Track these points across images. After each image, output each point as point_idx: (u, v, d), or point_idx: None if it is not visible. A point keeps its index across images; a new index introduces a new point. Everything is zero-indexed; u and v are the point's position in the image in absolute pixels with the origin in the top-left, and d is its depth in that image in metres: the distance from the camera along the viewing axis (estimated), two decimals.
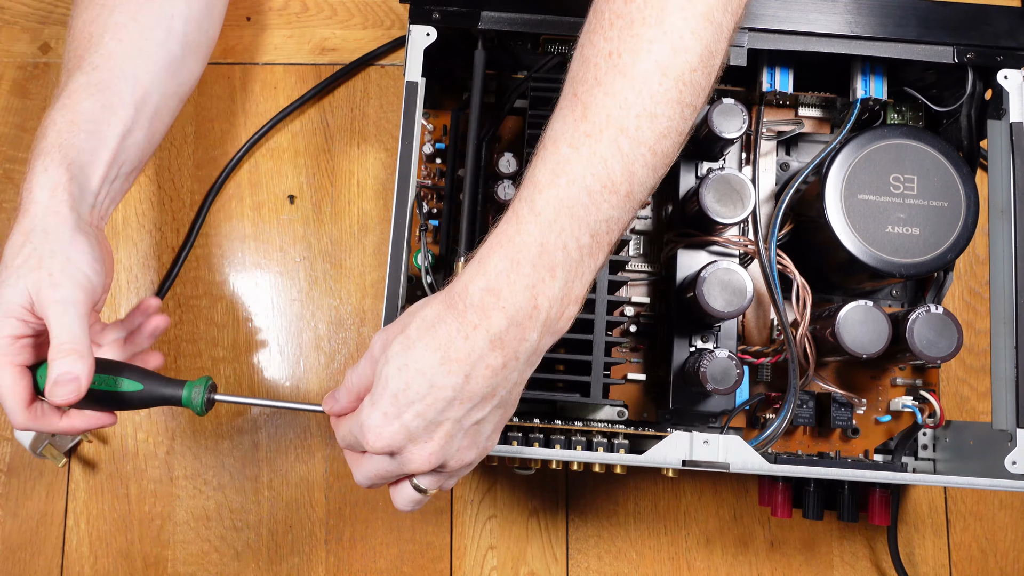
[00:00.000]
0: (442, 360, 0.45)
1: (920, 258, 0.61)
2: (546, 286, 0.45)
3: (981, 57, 0.62)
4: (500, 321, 0.44)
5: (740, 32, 0.62)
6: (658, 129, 0.46)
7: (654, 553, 0.72)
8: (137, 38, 0.60)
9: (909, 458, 0.68)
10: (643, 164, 0.46)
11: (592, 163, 0.45)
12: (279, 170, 0.78)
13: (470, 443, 0.48)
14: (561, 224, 0.45)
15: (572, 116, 0.47)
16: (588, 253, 0.46)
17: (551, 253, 0.45)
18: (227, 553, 0.72)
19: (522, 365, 0.46)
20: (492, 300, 0.45)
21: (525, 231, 0.45)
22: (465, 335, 0.45)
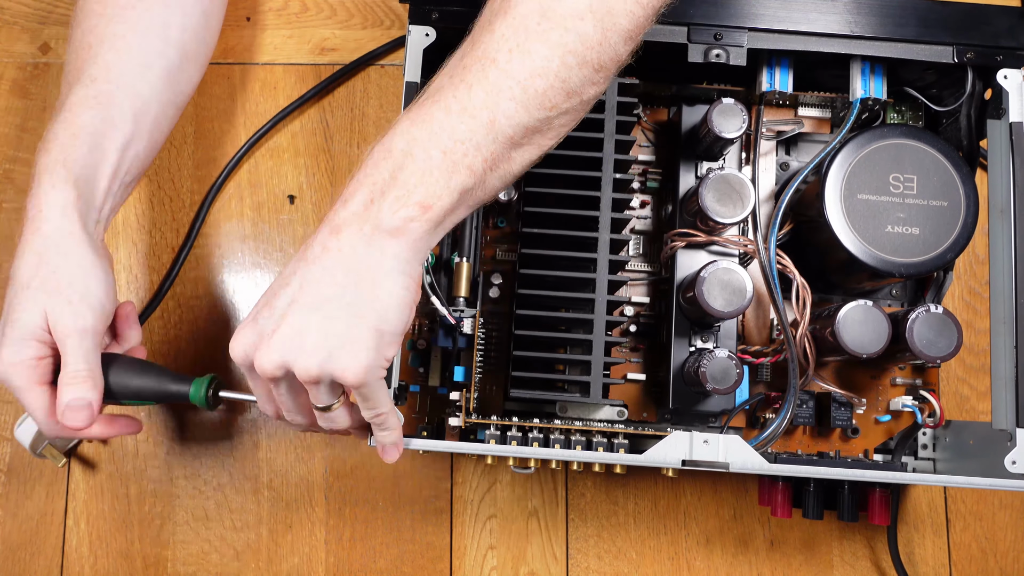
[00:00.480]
0: (295, 260, 0.49)
1: (920, 258, 0.61)
2: (382, 183, 0.47)
3: (981, 57, 0.62)
4: (341, 213, 0.48)
5: (740, 32, 0.63)
6: (530, 66, 0.47)
7: (654, 553, 0.72)
8: (135, 48, 0.61)
9: (909, 458, 0.68)
10: (509, 96, 0.48)
11: (457, 88, 0.48)
12: (279, 170, 0.78)
13: (315, 344, 0.47)
14: (413, 134, 0.48)
15: (460, 52, 0.50)
16: (438, 167, 0.47)
17: (395, 157, 0.48)
18: (227, 553, 0.72)
19: (358, 253, 0.47)
20: (341, 198, 0.49)
21: (382, 140, 0.49)
22: (318, 229, 0.49)
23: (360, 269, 0.47)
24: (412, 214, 0.47)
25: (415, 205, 0.47)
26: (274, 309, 0.48)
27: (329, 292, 0.47)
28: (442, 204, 0.48)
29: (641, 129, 0.71)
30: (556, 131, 0.51)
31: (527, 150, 0.50)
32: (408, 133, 0.48)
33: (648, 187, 0.71)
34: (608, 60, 0.49)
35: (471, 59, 0.49)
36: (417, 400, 0.68)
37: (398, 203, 0.47)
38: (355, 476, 0.73)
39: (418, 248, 0.48)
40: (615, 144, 0.63)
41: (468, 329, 0.64)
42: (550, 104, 0.49)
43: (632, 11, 0.49)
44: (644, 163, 0.70)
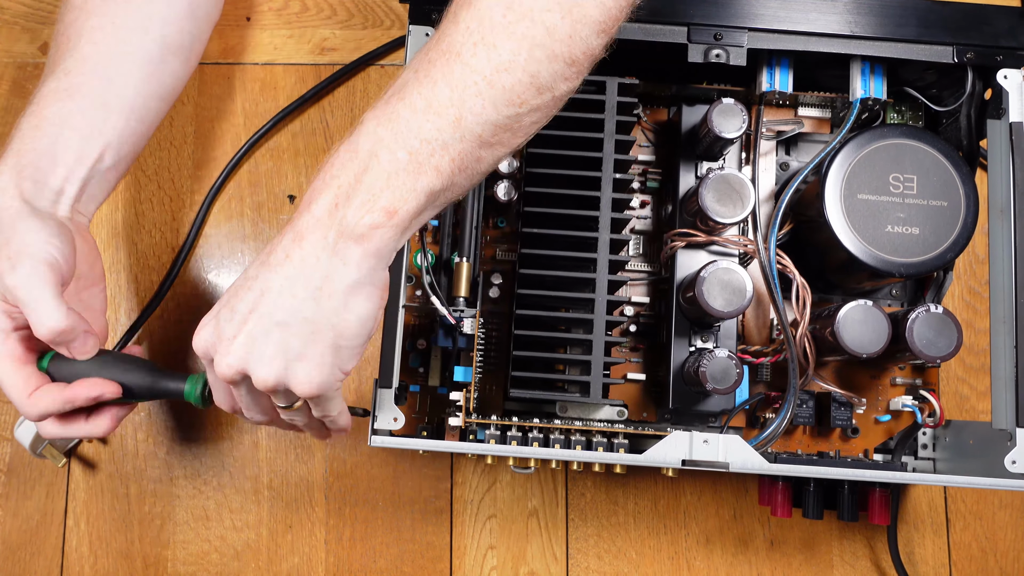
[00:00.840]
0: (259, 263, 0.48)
1: (920, 258, 0.61)
2: (346, 187, 0.46)
3: (981, 57, 0.62)
4: (305, 218, 0.46)
5: (740, 32, 0.63)
6: (496, 60, 0.46)
7: (654, 553, 0.72)
8: (112, 40, 0.60)
9: (909, 458, 0.68)
10: (475, 92, 0.46)
11: (422, 84, 0.46)
12: (279, 170, 0.78)
13: (273, 354, 0.47)
14: (378, 134, 0.46)
15: (427, 46, 0.48)
16: (404, 169, 0.46)
17: (360, 158, 0.46)
18: (227, 553, 0.72)
19: (320, 264, 0.46)
20: (305, 200, 0.47)
21: (348, 139, 0.47)
22: (283, 231, 0.48)
23: (321, 282, 0.46)
24: (378, 220, 0.46)
25: (381, 211, 0.46)
26: (235, 313, 0.48)
27: (288, 304, 0.46)
28: (408, 208, 0.46)
29: (641, 129, 0.71)
30: (526, 129, 0.49)
31: (496, 149, 0.49)
32: (373, 133, 0.47)
33: (648, 187, 0.71)
34: (580, 54, 0.47)
35: (436, 53, 0.47)
36: (417, 400, 0.68)
37: (363, 209, 0.45)
38: (355, 476, 0.73)
39: (383, 255, 0.47)
40: (615, 144, 0.63)
41: (468, 329, 0.64)
42: (519, 100, 0.47)
43: (602, 1, 0.47)
44: (644, 163, 0.70)
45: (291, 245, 0.47)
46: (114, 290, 0.75)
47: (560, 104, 0.50)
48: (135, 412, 0.73)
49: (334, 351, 0.47)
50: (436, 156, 0.46)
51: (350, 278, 0.46)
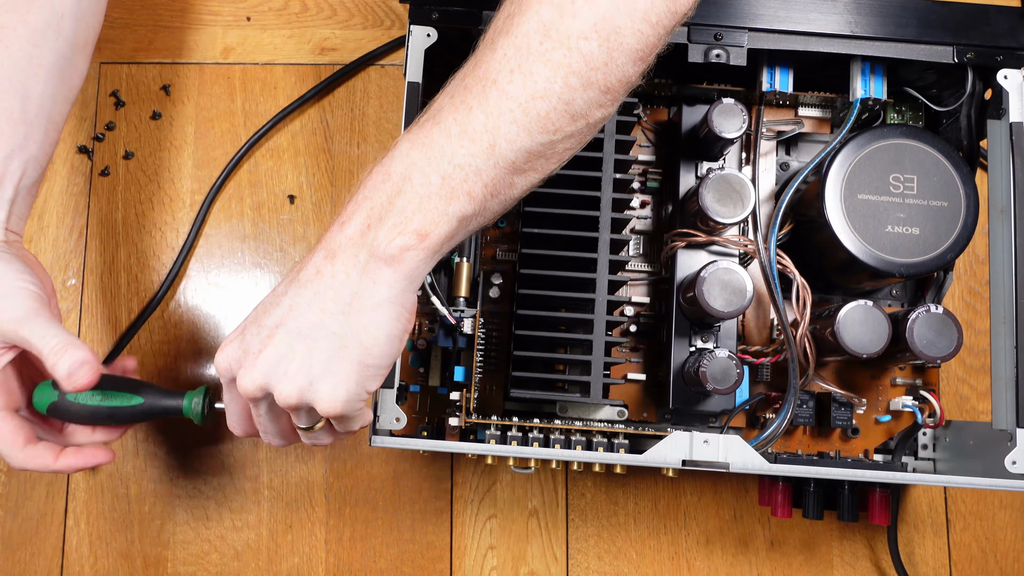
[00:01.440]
0: (292, 268, 0.49)
1: (920, 258, 0.61)
2: (379, 208, 0.46)
3: (981, 57, 0.62)
4: (338, 237, 0.47)
5: (740, 32, 0.63)
6: (532, 88, 0.45)
7: (654, 553, 0.72)
8: (26, 43, 0.57)
9: (909, 458, 0.68)
10: (510, 120, 0.46)
11: (458, 109, 0.46)
12: (279, 170, 0.78)
13: (297, 371, 0.46)
14: (412, 158, 0.46)
15: (463, 71, 0.48)
16: (437, 193, 0.46)
17: (393, 181, 0.46)
18: (227, 553, 0.72)
19: (351, 281, 0.46)
20: (339, 220, 0.47)
21: (381, 161, 0.47)
22: (314, 250, 0.48)
23: (351, 298, 0.46)
24: (409, 243, 0.46)
25: (412, 233, 0.46)
26: (261, 328, 0.47)
27: (317, 319, 0.46)
28: (440, 232, 0.46)
29: (641, 129, 0.71)
30: (560, 155, 0.49)
31: (529, 175, 0.48)
32: (407, 156, 0.47)
33: (648, 187, 0.71)
34: (616, 82, 0.47)
35: (472, 79, 0.47)
36: (417, 400, 0.68)
37: (395, 231, 0.46)
38: (355, 476, 0.73)
39: (413, 277, 0.47)
40: (615, 144, 0.63)
41: (468, 329, 0.64)
42: (553, 127, 0.47)
43: (640, 30, 0.46)
44: (644, 163, 0.70)
45: (323, 262, 0.47)
46: (114, 290, 0.75)
47: (594, 131, 0.50)
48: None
49: (360, 368, 0.47)
50: (469, 181, 0.46)
51: (380, 296, 0.46)
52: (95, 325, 0.75)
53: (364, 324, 0.46)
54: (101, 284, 0.76)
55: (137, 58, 0.79)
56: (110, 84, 0.79)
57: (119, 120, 0.78)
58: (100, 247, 0.76)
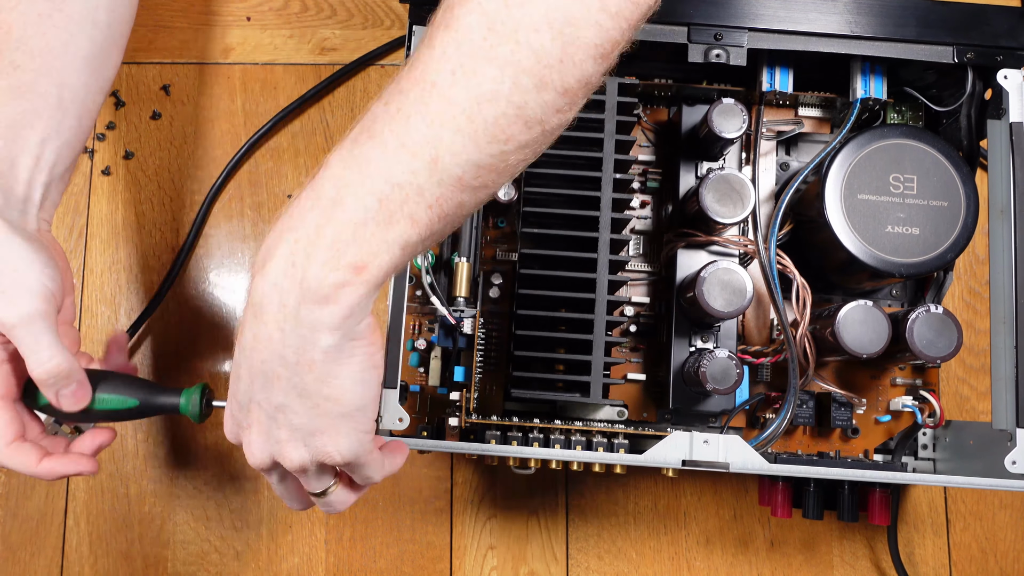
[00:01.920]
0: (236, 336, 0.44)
1: (920, 258, 0.61)
2: (306, 240, 0.40)
3: (981, 57, 0.62)
4: (260, 285, 0.41)
5: (740, 32, 0.62)
6: (477, 90, 0.40)
7: (654, 553, 0.72)
8: (62, 32, 0.55)
9: (909, 458, 0.68)
10: (454, 128, 0.40)
11: (394, 119, 0.41)
12: (279, 170, 0.78)
13: (289, 436, 0.44)
14: (343, 178, 0.41)
15: (399, 74, 0.42)
16: (373, 219, 0.40)
17: (322, 206, 0.40)
18: (227, 553, 0.72)
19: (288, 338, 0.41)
20: (260, 257, 0.42)
21: (311, 182, 0.42)
22: (246, 308, 0.43)
23: (296, 357, 0.41)
24: (344, 278, 0.40)
25: (347, 267, 0.40)
26: (240, 403, 0.45)
27: (276, 386, 0.42)
28: (380, 263, 0.40)
29: (641, 129, 0.71)
30: (513, 168, 0.43)
31: (478, 192, 0.42)
32: (338, 177, 0.41)
33: (648, 187, 0.71)
34: (574, 81, 0.41)
35: (409, 82, 0.41)
36: (417, 400, 0.68)
37: (326, 267, 0.40)
38: None
39: (355, 313, 0.41)
40: (615, 144, 0.63)
41: (468, 329, 0.64)
42: (504, 136, 0.40)
43: (599, 22, 0.40)
44: (644, 163, 0.70)
45: (254, 323, 0.42)
46: (114, 290, 0.75)
47: (552, 139, 0.43)
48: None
49: (344, 418, 0.43)
50: (410, 203, 0.40)
51: (323, 344, 0.41)
52: (95, 325, 0.75)
53: (321, 378, 0.42)
54: (101, 284, 0.76)
55: (137, 58, 0.79)
56: None
57: (119, 120, 0.78)
58: (100, 247, 0.76)
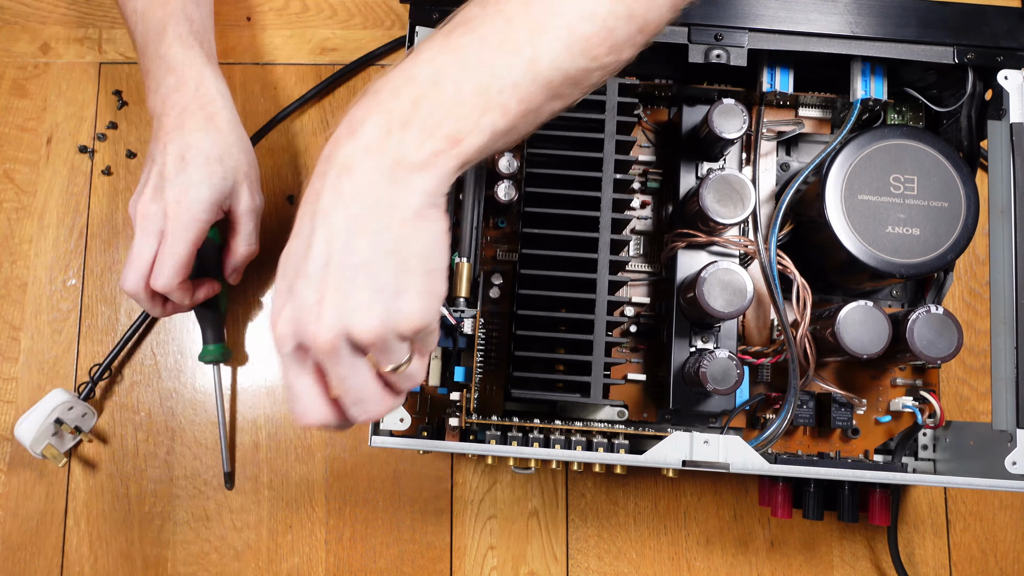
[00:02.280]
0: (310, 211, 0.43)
1: (920, 258, 0.61)
2: (401, 113, 0.43)
3: (981, 57, 0.62)
4: (350, 147, 0.43)
5: (740, 32, 0.62)
6: (580, 8, 0.44)
7: (654, 553, 0.72)
8: None
9: (909, 458, 0.68)
10: (555, 37, 0.44)
11: (495, 20, 0.44)
12: (279, 170, 0.78)
13: (368, 300, 0.42)
14: (440, 63, 0.44)
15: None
16: (470, 102, 0.43)
17: (418, 85, 0.43)
18: (227, 553, 0.72)
19: (380, 192, 0.42)
20: (345, 127, 0.43)
21: (396, 68, 0.45)
22: (323, 174, 0.43)
23: (387, 210, 0.42)
24: (440, 147, 0.42)
25: (443, 138, 0.42)
26: (310, 277, 0.43)
27: (363, 242, 0.42)
28: (472, 140, 0.43)
29: (641, 129, 0.71)
30: (586, 89, 0.47)
31: (556, 102, 0.46)
32: (435, 61, 0.44)
33: (648, 187, 0.71)
34: (651, 22, 0.46)
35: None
36: (417, 400, 0.68)
37: (424, 134, 0.42)
38: (355, 476, 0.73)
39: (445, 184, 0.43)
40: (615, 144, 0.63)
41: (468, 329, 0.64)
42: (592, 54, 0.45)
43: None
44: (644, 163, 0.70)
45: (340, 180, 0.43)
46: (114, 290, 0.75)
47: (615, 72, 0.48)
48: (135, 412, 0.73)
49: (426, 276, 0.44)
50: (505, 94, 0.44)
51: (416, 203, 0.43)
52: (95, 325, 0.75)
53: (410, 233, 0.43)
54: (101, 284, 0.76)
55: None
56: (112, 84, 0.79)
57: (120, 120, 0.78)
58: (100, 247, 0.76)
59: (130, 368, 0.74)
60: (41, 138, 0.78)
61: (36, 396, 0.72)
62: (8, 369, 0.74)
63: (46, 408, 0.69)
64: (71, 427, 0.70)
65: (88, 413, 0.71)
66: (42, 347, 0.74)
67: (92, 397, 0.73)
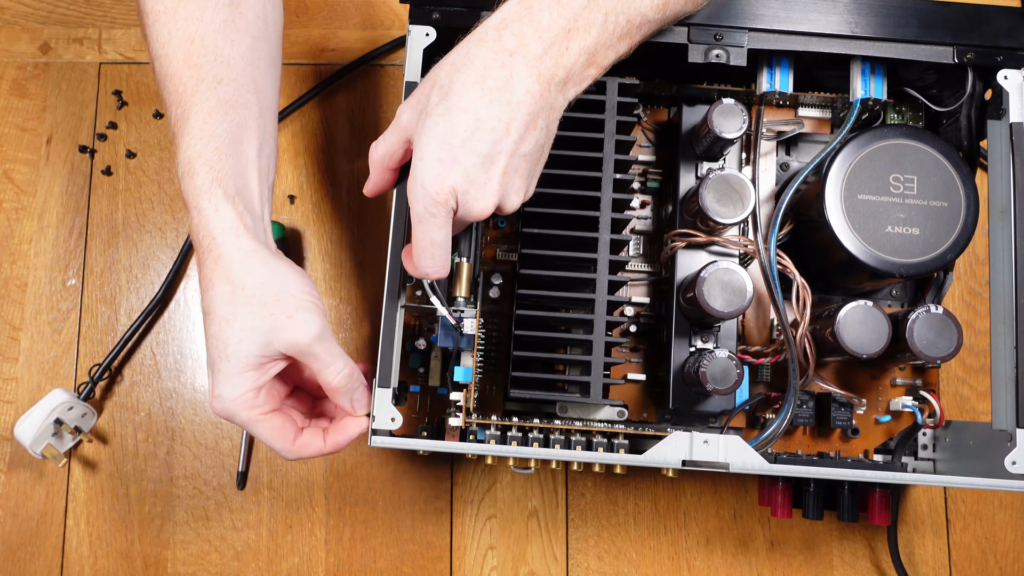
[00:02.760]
0: (482, 92, 0.49)
1: (920, 258, 0.61)
2: (581, 36, 0.50)
3: (981, 57, 0.62)
4: (536, 47, 0.49)
5: (740, 32, 0.63)
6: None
7: (654, 553, 0.72)
8: (246, 36, 0.56)
9: (909, 458, 0.68)
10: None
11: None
12: (279, 170, 0.78)
13: (520, 183, 0.52)
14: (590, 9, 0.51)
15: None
16: (618, 34, 0.52)
17: (593, 13, 0.51)
18: (227, 553, 0.72)
19: (553, 101, 0.51)
20: (531, 30, 0.49)
21: (549, 4, 0.50)
22: (501, 63, 0.49)
23: (549, 112, 0.51)
24: (590, 72, 0.52)
25: (595, 64, 0.52)
26: (481, 155, 0.49)
27: (533, 137, 0.50)
28: (606, 65, 0.52)
29: (641, 129, 0.71)
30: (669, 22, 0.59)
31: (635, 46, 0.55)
32: (584, 5, 0.50)
33: (648, 187, 0.71)
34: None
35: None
36: (417, 400, 0.68)
37: (581, 56, 0.50)
38: (355, 476, 0.73)
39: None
40: (615, 144, 0.63)
41: (468, 329, 0.64)
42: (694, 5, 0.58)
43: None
44: (644, 163, 0.70)
45: (529, 82, 0.49)
46: (114, 290, 0.75)
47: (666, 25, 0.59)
48: (135, 412, 0.74)
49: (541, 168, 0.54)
50: (643, 30, 0.53)
51: (561, 110, 0.52)
52: (95, 325, 0.75)
53: (552, 133, 0.52)
54: (101, 284, 0.76)
55: (139, 58, 0.79)
56: (112, 84, 0.79)
57: (120, 120, 0.78)
58: (100, 247, 0.76)
59: (130, 368, 0.74)
60: (41, 138, 0.78)
61: (36, 396, 0.72)
62: (8, 369, 0.74)
63: (46, 408, 0.69)
64: (71, 427, 0.70)
65: (88, 413, 0.72)
66: (42, 347, 0.74)
67: (92, 397, 0.73)
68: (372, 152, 0.55)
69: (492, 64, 0.49)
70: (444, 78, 0.50)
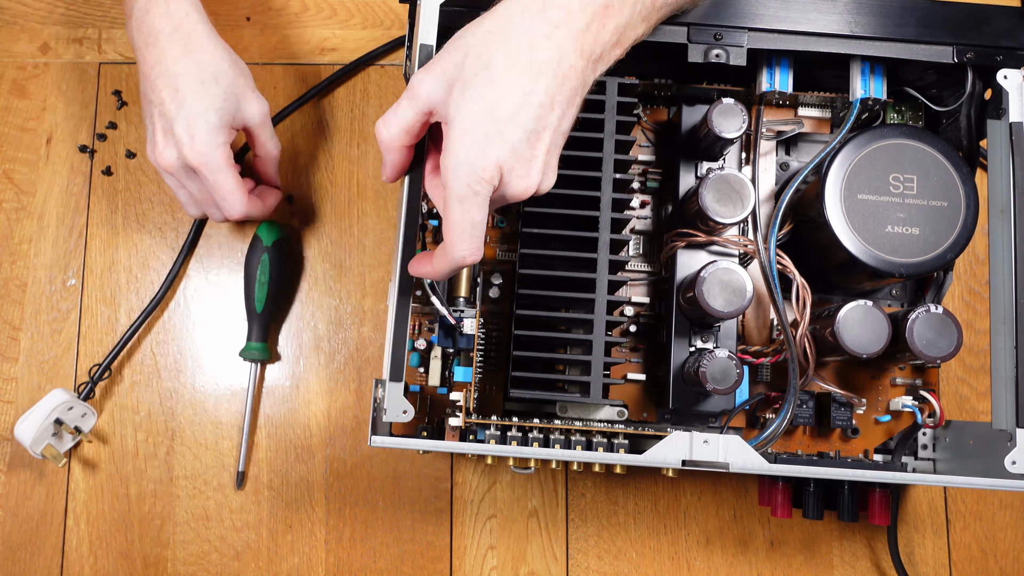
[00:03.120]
0: (530, 64, 0.47)
1: (920, 258, 0.61)
2: (616, 13, 0.50)
3: (981, 57, 0.62)
4: (580, 21, 0.48)
5: (740, 32, 0.62)
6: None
7: (654, 553, 0.72)
8: None
9: (909, 458, 0.68)
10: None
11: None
12: (279, 170, 0.78)
13: (555, 162, 0.51)
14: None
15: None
16: (643, 15, 0.52)
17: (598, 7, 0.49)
18: (227, 553, 0.72)
19: (588, 79, 0.50)
20: (575, 4, 0.48)
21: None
22: (547, 34, 0.48)
23: (583, 90, 0.50)
24: (615, 53, 0.51)
25: (618, 46, 0.51)
26: (527, 131, 0.47)
27: (572, 115, 0.50)
28: (627, 47, 0.53)
29: (641, 129, 0.71)
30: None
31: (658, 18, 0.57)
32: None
33: (648, 187, 0.71)
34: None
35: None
36: (417, 400, 0.68)
37: (614, 34, 0.50)
38: (355, 476, 0.73)
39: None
40: (615, 144, 0.63)
41: (468, 329, 0.64)
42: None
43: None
44: (644, 163, 0.70)
45: (573, 56, 0.48)
46: (114, 290, 0.75)
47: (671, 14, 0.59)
48: (135, 412, 0.73)
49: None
50: (658, 12, 0.54)
51: (589, 88, 0.51)
52: (95, 325, 0.75)
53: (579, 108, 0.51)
54: (101, 284, 0.76)
55: None
56: (112, 84, 0.79)
57: (120, 120, 0.78)
58: (100, 247, 0.76)
59: (130, 368, 0.74)
60: (41, 138, 0.78)
61: (36, 396, 0.72)
62: (8, 369, 0.74)
63: (46, 408, 0.69)
64: (71, 427, 0.70)
65: (88, 413, 0.72)
66: (42, 347, 0.74)
67: (92, 397, 0.73)
68: (382, 130, 0.50)
69: (538, 35, 0.47)
70: (480, 46, 0.47)
